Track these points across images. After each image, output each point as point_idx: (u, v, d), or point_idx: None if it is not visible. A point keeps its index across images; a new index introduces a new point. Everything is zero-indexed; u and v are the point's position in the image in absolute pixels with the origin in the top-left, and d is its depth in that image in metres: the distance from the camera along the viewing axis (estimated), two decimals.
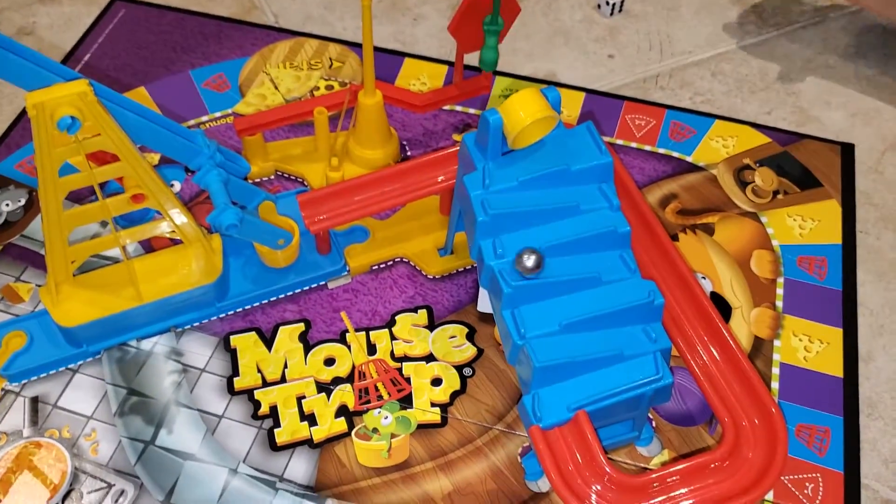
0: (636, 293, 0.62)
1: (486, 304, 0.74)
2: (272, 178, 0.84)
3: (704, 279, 0.77)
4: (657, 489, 0.61)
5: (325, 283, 0.76)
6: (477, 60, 0.79)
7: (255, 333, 0.73)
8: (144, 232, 0.70)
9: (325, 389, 0.70)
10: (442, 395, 0.70)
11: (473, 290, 0.76)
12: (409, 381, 0.71)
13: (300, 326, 0.74)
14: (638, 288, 0.62)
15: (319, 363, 0.72)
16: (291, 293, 0.76)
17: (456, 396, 0.70)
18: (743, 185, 0.85)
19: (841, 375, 0.72)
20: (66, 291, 0.69)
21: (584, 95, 0.92)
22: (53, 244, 0.66)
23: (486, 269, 0.63)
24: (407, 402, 0.70)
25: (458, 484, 0.66)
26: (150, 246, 0.78)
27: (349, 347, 0.73)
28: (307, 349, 0.72)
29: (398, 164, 0.75)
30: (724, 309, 0.76)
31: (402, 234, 0.79)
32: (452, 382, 0.71)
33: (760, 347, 0.74)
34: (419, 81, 0.93)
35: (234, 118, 0.88)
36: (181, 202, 0.68)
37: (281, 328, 0.73)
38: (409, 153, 0.86)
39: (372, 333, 0.74)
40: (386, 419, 0.69)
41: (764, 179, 0.85)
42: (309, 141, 0.85)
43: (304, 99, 0.91)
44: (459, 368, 0.72)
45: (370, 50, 0.73)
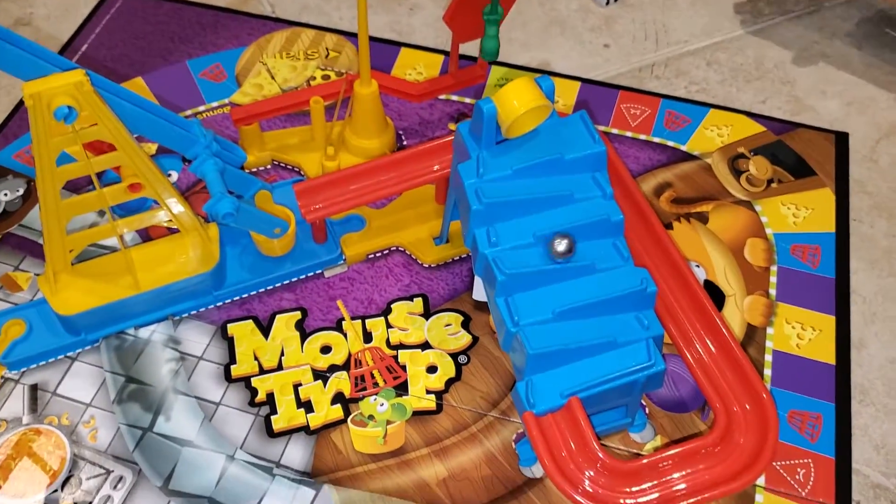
0: (629, 281, 0.62)
1: (480, 292, 0.74)
2: (269, 167, 0.84)
3: (698, 267, 0.78)
4: (650, 474, 0.61)
5: (321, 271, 0.77)
6: (472, 50, 0.79)
7: (251, 322, 0.74)
8: (142, 221, 0.71)
9: (321, 377, 0.71)
10: (437, 382, 0.71)
11: (469, 278, 0.77)
12: (404, 368, 0.71)
13: (297, 315, 0.74)
14: (631, 276, 0.63)
15: (316, 351, 0.72)
16: (288, 282, 0.76)
17: (451, 384, 0.71)
18: (737, 173, 0.85)
19: (833, 362, 0.73)
20: (64, 280, 0.70)
21: (579, 85, 0.92)
22: (51, 233, 0.66)
23: (480, 257, 0.63)
24: (402, 389, 0.70)
25: (452, 470, 0.66)
26: (147, 235, 0.78)
27: (345, 335, 0.73)
28: (304, 337, 0.73)
29: (394, 153, 0.75)
30: (717, 297, 0.76)
31: (397, 222, 0.79)
32: (447, 370, 0.71)
33: (753, 335, 0.74)
34: (415, 71, 0.93)
35: (230, 108, 0.89)
36: (178, 191, 0.69)
37: (277, 316, 0.74)
38: (404, 142, 0.87)
39: (368, 321, 0.74)
40: (382, 406, 0.69)
41: (758, 168, 0.86)
42: (305, 130, 0.85)
43: (300, 89, 0.91)
44: (454, 356, 0.72)
45: (366, 39, 0.74)
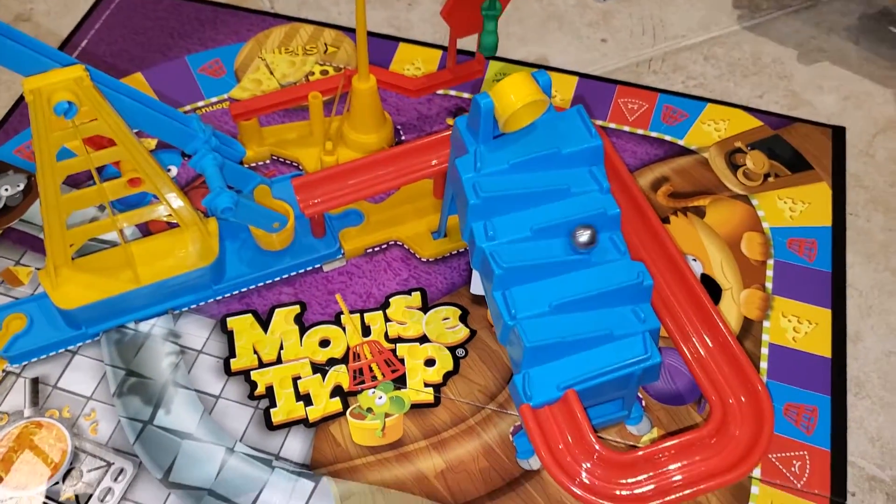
0: (626, 274, 0.63)
1: (478, 286, 0.75)
2: (268, 162, 0.85)
3: (695, 261, 0.78)
4: (646, 466, 0.62)
5: (320, 266, 0.77)
6: (470, 45, 0.79)
7: (251, 315, 0.74)
8: (142, 215, 0.71)
9: (320, 370, 0.71)
10: (435, 375, 0.71)
11: (466, 272, 0.77)
12: (402, 361, 0.72)
13: (296, 308, 0.75)
14: (627, 269, 0.63)
15: (315, 345, 0.73)
16: (287, 276, 0.77)
17: (449, 377, 0.71)
18: (734, 168, 0.85)
19: (829, 356, 0.73)
20: (64, 274, 0.70)
21: (577, 79, 0.92)
22: (52, 228, 0.66)
23: (477, 251, 0.64)
24: (401, 382, 0.71)
25: (450, 462, 0.67)
26: (147, 230, 0.79)
27: (344, 329, 0.74)
28: (302, 331, 0.73)
29: (392, 147, 0.76)
30: (714, 290, 0.76)
31: (395, 217, 0.79)
32: (445, 363, 0.72)
33: (750, 328, 0.75)
34: (413, 66, 0.93)
35: (229, 103, 0.89)
36: (178, 186, 0.69)
37: (277, 310, 0.74)
38: (402, 137, 0.87)
39: (366, 315, 0.74)
40: (380, 399, 0.70)
41: (755, 162, 0.86)
42: (304, 125, 0.85)
43: (299, 84, 0.91)
44: (452, 349, 0.73)
45: (363, 35, 0.74)
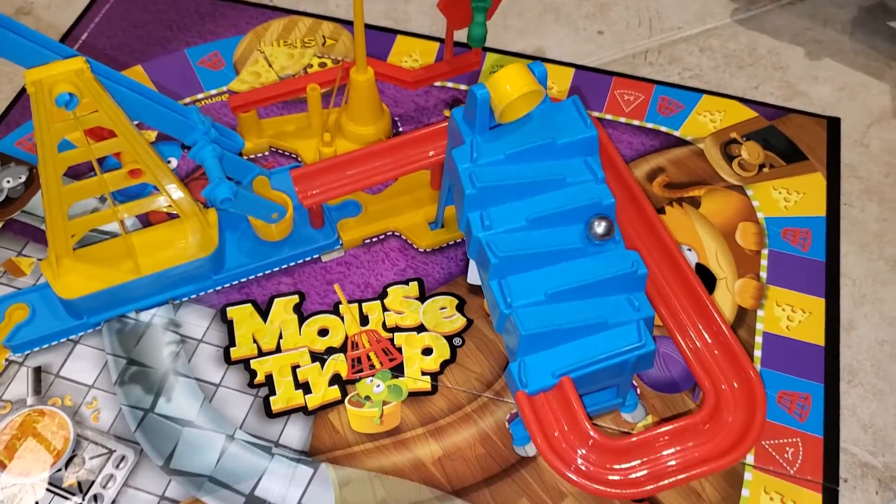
0: (620, 263, 0.63)
1: (475, 276, 0.76)
2: (266, 154, 0.85)
3: (690, 251, 0.79)
4: (640, 452, 0.63)
5: (318, 256, 0.78)
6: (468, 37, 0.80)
7: (250, 305, 0.75)
8: (142, 206, 0.72)
9: (318, 359, 0.72)
10: (432, 364, 0.72)
11: (463, 262, 0.78)
12: (400, 350, 0.73)
13: (294, 298, 0.75)
14: (622, 258, 0.64)
15: (313, 334, 0.74)
16: (286, 266, 0.77)
17: (446, 365, 0.72)
18: (729, 158, 0.86)
19: (822, 344, 0.74)
20: (66, 265, 0.71)
21: (573, 71, 0.93)
22: (54, 219, 0.67)
23: (473, 240, 0.64)
24: (398, 370, 0.72)
25: (447, 449, 0.68)
26: (147, 221, 0.79)
27: (342, 318, 0.74)
28: (301, 320, 0.74)
29: (389, 139, 0.76)
30: (709, 280, 0.77)
31: (393, 208, 0.80)
32: (443, 352, 0.73)
33: (744, 317, 0.75)
34: (411, 58, 0.94)
35: (228, 95, 0.90)
36: (178, 178, 0.70)
37: (276, 300, 0.75)
38: (400, 129, 0.88)
39: (364, 305, 0.75)
40: (378, 387, 0.71)
41: (750, 153, 0.87)
42: (302, 117, 0.86)
43: (297, 76, 0.92)
44: (449, 338, 0.73)
45: (361, 27, 0.74)
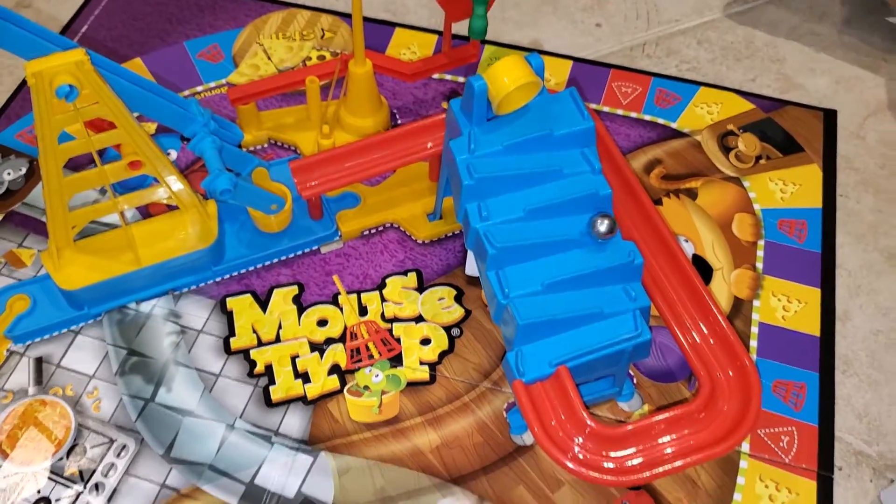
0: (617, 254, 0.64)
1: (473, 267, 0.76)
2: (265, 146, 0.86)
3: (687, 242, 0.80)
4: (636, 440, 0.63)
5: (317, 247, 0.79)
6: (465, 29, 0.80)
7: (250, 296, 0.75)
8: (142, 198, 0.72)
9: (318, 349, 0.73)
10: (430, 354, 0.73)
11: (461, 253, 0.78)
12: (399, 341, 0.73)
13: (294, 289, 0.76)
14: (618, 248, 0.64)
15: (313, 324, 0.74)
16: (285, 257, 0.78)
17: (444, 355, 0.73)
18: (726, 150, 0.87)
19: (818, 334, 0.75)
20: (67, 256, 0.71)
21: (571, 64, 0.93)
22: (54, 210, 0.68)
23: (471, 231, 0.65)
24: (397, 360, 0.72)
25: (445, 438, 0.68)
26: (147, 212, 0.80)
27: (341, 309, 0.75)
28: (301, 311, 0.75)
29: (387, 131, 0.77)
30: (705, 270, 0.78)
31: (392, 199, 0.81)
32: (441, 342, 0.73)
33: (740, 307, 0.76)
34: (409, 51, 0.94)
35: (227, 88, 0.90)
36: (177, 169, 0.70)
37: (275, 291, 0.76)
38: (399, 121, 0.88)
39: (363, 296, 0.76)
40: (377, 377, 0.71)
41: (747, 145, 0.87)
42: (301, 110, 0.86)
43: (296, 69, 0.92)
44: (447, 329, 0.74)
45: (360, 19, 0.75)
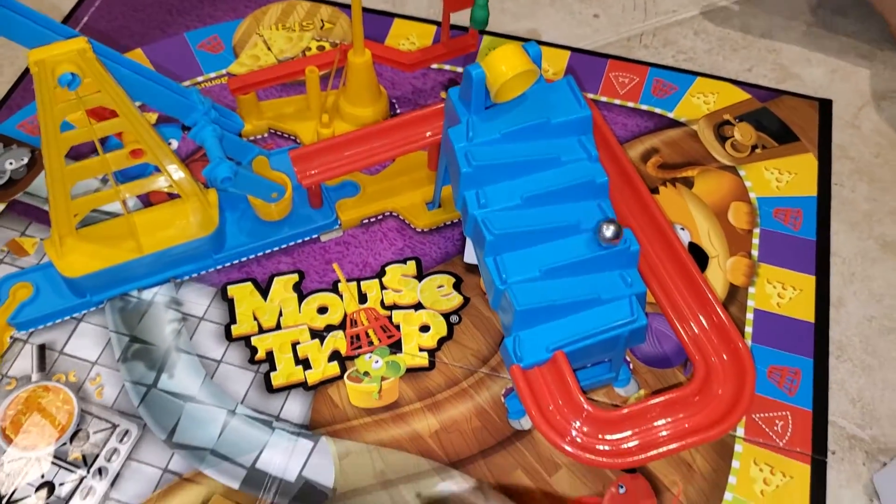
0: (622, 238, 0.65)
1: (471, 255, 0.77)
2: (265, 136, 0.86)
3: (683, 230, 0.80)
4: (632, 423, 0.64)
5: (317, 236, 0.79)
6: (464, 20, 0.81)
7: (251, 284, 0.76)
8: (143, 186, 0.73)
9: (318, 336, 0.73)
10: (430, 340, 0.73)
11: (460, 241, 0.79)
12: (398, 327, 0.74)
13: (294, 277, 0.77)
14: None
15: (313, 311, 0.75)
16: (285, 246, 0.79)
17: (443, 342, 0.73)
18: (722, 139, 0.87)
19: (812, 320, 0.75)
20: (69, 244, 0.72)
21: (569, 54, 0.94)
22: (57, 198, 0.68)
23: (469, 218, 0.66)
24: (396, 347, 0.73)
25: (444, 422, 0.69)
26: (148, 201, 0.80)
27: (341, 297, 0.76)
28: (301, 298, 0.75)
29: (386, 120, 0.77)
30: (701, 258, 0.79)
31: (391, 188, 0.81)
32: (440, 329, 0.74)
33: (735, 294, 0.77)
34: (408, 41, 0.95)
35: (228, 78, 0.90)
36: (178, 158, 0.71)
37: (276, 278, 0.76)
38: (398, 111, 0.89)
39: (363, 283, 0.77)
40: (376, 363, 0.72)
41: (743, 134, 0.88)
42: (301, 100, 0.87)
43: (296, 59, 0.93)
44: (446, 316, 0.75)
45: (359, 10, 0.75)
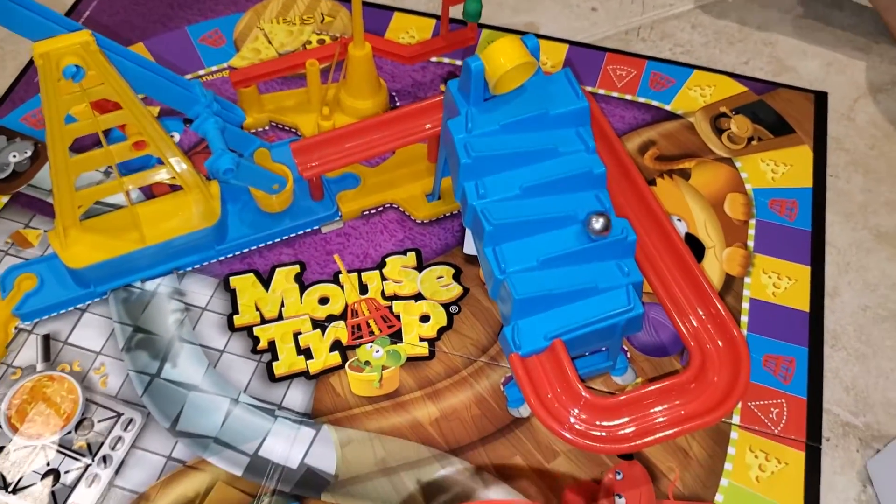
0: (611, 230, 0.66)
1: (471, 246, 0.78)
2: (266, 128, 0.87)
3: (680, 221, 0.81)
4: (629, 410, 0.65)
5: (318, 227, 0.80)
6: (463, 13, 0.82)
7: (253, 275, 0.77)
8: (146, 178, 0.74)
9: (319, 326, 0.74)
10: (430, 330, 0.74)
11: (459, 233, 0.80)
12: (398, 318, 0.75)
13: (295, 268, 0.78)
14: (612, 226, 0.66)
15: (314, 302, 0.76)
16: (287, 237, 0.79)
17: (443, 332, 0.74)
18: (719, 132, 0.88)
19: (807, 310, 0.76)
20: (73, 235, 0.73)
21: (567, 47, 0.95)
22: (61, 190, 0.69)
23: (469, 209, 0.66)
24: (397, 337, 0.74)
25: (444, 410, 0.70)
26: (150, 194, 0.81)
27: (342, 287, 0.77)
28: (302, 289, 0.76)
29: (386, 113, 0.78)
30: (697, 248, 0.79)
31: (391, 180, 0.82)
32: (440, 319, 0.75)
33: (732, 284, 0.78)
34: (408, 35, 0.96)
35: (229, 71, 0.91)
36: (181, 150, 0.72)
37: (277, 269, 0.77)
38: (398, 104, 0.89)
39: (364, 274, 0.77)
40: (377, 353, 0.73)
41: (739, 126, 0.89)
42: (301, 93, 0.88)
43: (296, 52, 0.93)
44: (446, 306, 0.76)
45: (359, 4, 0.76)
